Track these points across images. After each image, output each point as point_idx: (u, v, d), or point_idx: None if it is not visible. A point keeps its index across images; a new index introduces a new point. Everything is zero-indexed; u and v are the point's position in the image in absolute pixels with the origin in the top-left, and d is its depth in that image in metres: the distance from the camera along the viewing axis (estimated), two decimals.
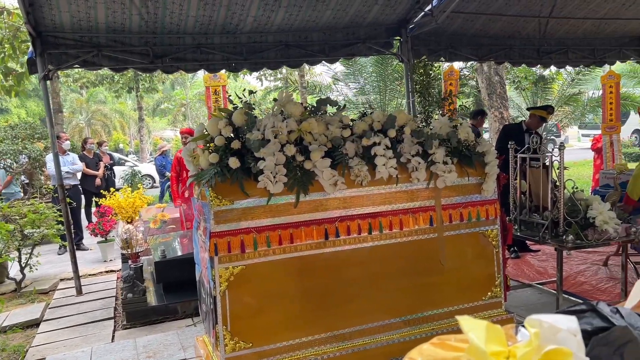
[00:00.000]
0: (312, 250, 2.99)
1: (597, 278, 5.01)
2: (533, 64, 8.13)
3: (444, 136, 3.33)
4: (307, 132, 2.90)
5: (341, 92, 16.20)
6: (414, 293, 3.27)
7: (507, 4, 6.64)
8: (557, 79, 16.58)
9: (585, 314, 1.06)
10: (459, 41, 7.20)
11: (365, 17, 6.19)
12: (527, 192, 4.14)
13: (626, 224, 3.79)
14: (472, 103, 18.31)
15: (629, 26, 7.95)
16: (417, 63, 3.90)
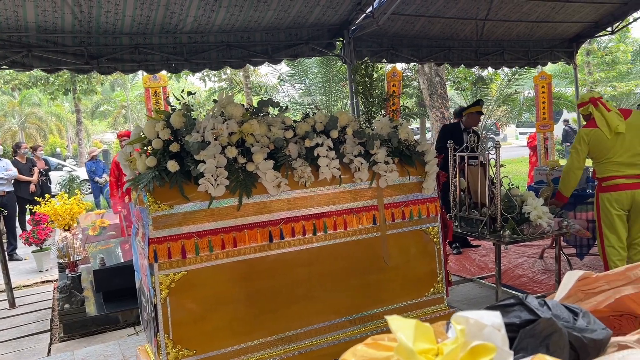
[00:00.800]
0: (256, 253, 2.96)
1: (533, 270, 5.23)
2: (471, 65, 8.40)
3: (385, 136, 3.39)
4: (248, 134, 2.87)
5: (287, 93, 16.21)
6: (359, 292, 3.30)
7: (446, 7, 6.83)
8: (495, 79, 17.22)
9: (514, 308, 1.09)
10: (399, 43, 7.33)
11: (307, 18, 6.20)
12: (466, 189, 4.26)
13: (558, 218, 3.98)
14: (415, 103, 18.75)
15: (559, 29, 8.36)
16: (358, 64, 3.93)
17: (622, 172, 3.95)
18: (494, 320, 0.75)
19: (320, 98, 15.07)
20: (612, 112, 3.99)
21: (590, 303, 1.50)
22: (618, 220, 4.02)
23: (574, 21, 8.18)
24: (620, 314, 1.54)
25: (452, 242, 5.93)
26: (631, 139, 3.92)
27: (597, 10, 7.96)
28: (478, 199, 4.13)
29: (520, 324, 1.04)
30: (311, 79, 15.19)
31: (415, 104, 18.61)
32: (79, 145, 24.53)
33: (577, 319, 1.13)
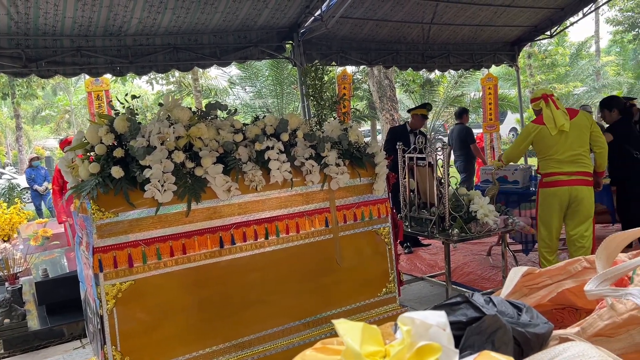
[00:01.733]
0: (207, 259, 2.90)
1: (482, 267, 5.38)
2: (418, 67, 8.57)
3: (336, 139, 3.40)
4: (196, 138, 2.81)
5: (238, 95, 16.06)
6: (313, 294, 3.30)
7: (393, 10, 6.94)
8: (442, 81, 17.66)
9: (461, 306, 1.11)
10: (349, 46, 7.41)
11: (256, 20, 6.17)
12: (415, 190, 4.34)
13: (504, 216, 4.11)
14: (366, 106, 18.98)
15: (501, 32, 8.66)
16: (308, 67, 3.94)
17: (562, 169, 4.08)
18: (439, 319, 0.76)
19: (272, 101, 15.02)
20: (560, 111, 4.13)
21: (534, 298, 1.55)
22: (553, 216, 4.16)
23: (515, 25, 8.50)
24: (562, 307, 1.60)
25: (404, 241, 6.03)
26: (573, 138, 4.06)
27: (536, 15, 8.30)
28: (427, 199, 4.21)
29: (466, 322, 1.06)
30: (262, 82, 15.11)
31: (365, 107, 18.83)
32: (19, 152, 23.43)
33: (521, 314, 1.16)
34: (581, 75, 23.02)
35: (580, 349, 1.01)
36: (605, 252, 1.35)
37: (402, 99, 18.25)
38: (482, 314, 1.05)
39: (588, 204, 4.06)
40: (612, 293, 1.16)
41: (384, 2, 6.66)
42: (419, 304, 4.45)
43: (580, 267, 1.49)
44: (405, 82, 17.07)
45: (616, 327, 1.12)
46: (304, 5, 6.14)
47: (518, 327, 1.07)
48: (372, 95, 12.91)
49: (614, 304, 1.13)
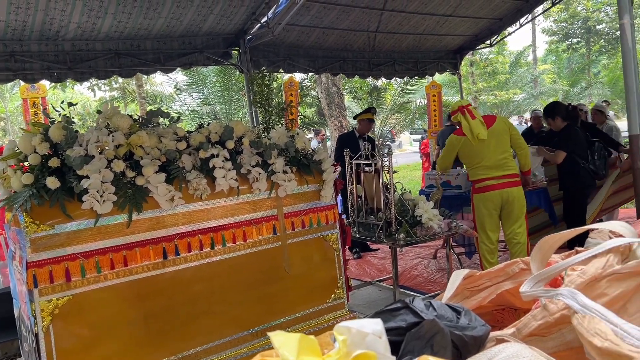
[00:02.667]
0: (150, 271, 2.81)
1: (428, 270, 5.49)
2: (365, 75, 8.69)
3: (283, 146, 3.39)
4: (137, 146, 2.73)
5: (184, 102, 15.76)
6: (261, 303, 3.26)
7: (339, 18, 7.02)
8: (389, 89, 18.00)
9: (401, 312, 1.12)
10: (296, 53, 7.42)
11: (200, 26, 6.08)
12: (362, 195, 4.38)
13: (448, 220, 4.21)
14: (315, 113, 19.07)
15: (444, 41, 8.91)
16: (255, 74, 3.91)
17: (491, 175, 4.25)
18: (375, 327, 0.76)
19: (220, 107, 14.83)
20: (476, 120, 4.28)
21: (475, 300, 1.59)
22: (488, 219, 4.32)
23: (457, 34, 8.77)
24: (502, 308, 1.64)
25: (352, 247, 6.08)
26: (496, 143, 4.23)
27: (476, 25, 8.59)
28: (374, 204, 4.26)
29: (406, 327, 1.07)
30: (209, 88, 14.90)
31: (315, 113, 18.92)
32: None
33: (460, 317, 1.18)
34: (520, 82, 24.01)
35: (514, 350, 1.04)
36: (539, 253, 1.40)
37: (350, 105, 18.46)
38: (421, 319, 1.07)
39: (519, 203, 4.26)
40: (544, 294, 1.20)
41: (330, 10, 6.73)
42: (368, 308, 4.48)
43: (517, 269, 1.53)
44: (353, 89, 17.28)
45: (549, 326, 1.15)
46: (249, 11, 6.11)
47: (456, 330, 1.09)
48: (320, 102, 13.00)
49: (547, 304, 1.17)
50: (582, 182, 4.84)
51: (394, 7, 7.16)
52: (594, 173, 4.89)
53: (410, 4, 7.21)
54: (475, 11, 7.99)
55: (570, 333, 1.13)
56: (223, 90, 14.56)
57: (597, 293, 1.14)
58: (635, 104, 3.61)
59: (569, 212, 5.01)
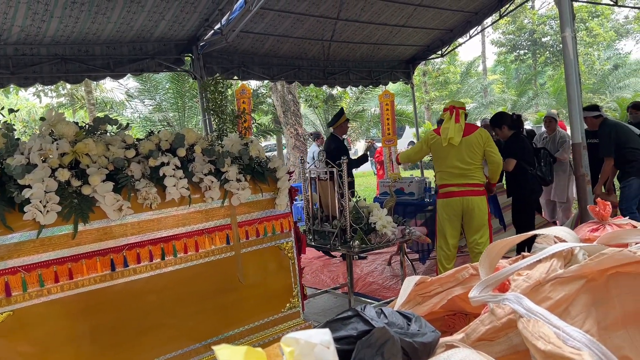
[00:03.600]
0: (97, 284, 2.71)
1: (383, 277, 5.53)
2: (320, 83, 8.74)
3: (236, 154, 3.35)
4: (83, 154, 2.64)
5: (136, 109, 15.39)
6: (215, 314, 3.20)
7: (293, 27, 7.03)
8: (345, 97, 18.16)
9: (352, 320, 1.11)
10: (250, 60, 7.38)
11: (152, 32, 5.96)
12: (318, 203, 4.39)
13: (401, 226, 4.26)
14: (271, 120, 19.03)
15: (397, 51, 9.07)
16: (208, 81, 3.86)
17: (453, 182, 4.34)
18: (323, 338, 0.75)
19: (173, 114, 14.56)
20: (458, 125, 4.34)
21: (427, 306, 1.60)
22: (448, 225, 4.41)
23: (410, 44, 8.94)
24: (453, 313, 1.66)
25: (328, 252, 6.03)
26: (465, 153, 4.30)
27: (428, 36, 8.80)
28: (329, 212, 4.27)
29: (357, 336, 1.06)
30: (162, 95, 14.62)
31: (271, 121, 18.87)
32: None
33: (410, 324, 1.19)
34: (471, 92, 24.73)
35: (463, 355, 1.05)
36: (487, 259, 1.43)
37: (306, 113, 18.52)
38: (372, 327, 1.06)
39: (480, 212, 4.32)
40: (492, 299, 1.22)
41: (284, 18, 6.73)
42: (323, 317, 4.47)
43: (467, 274, 1.56)
44: (309, 97, 17.35)
45: (496, 330, 1.17)
46: (202, 18, 6.04)
47: (406, 337, 1.10)
48: (276, 110, 12.98)
49: (494, 309, 1.19)
50: (531, 188, 5.01)
51: (347, 17, 7.24)
52: (541, 179, 5.07)
53: (363, 14, 7.31)
54: (427, 22, 8.18)
55: (516, 337, 1.15)
56: (176, 97, 14.32)
57: (542, 297, 1.17)
58: (577, 113, 3.77)
59: (518, 217, 5.17)
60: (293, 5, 6.51)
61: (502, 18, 9.31)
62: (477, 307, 1.33)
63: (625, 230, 1.55)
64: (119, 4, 5.21)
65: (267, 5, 6.07)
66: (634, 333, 1.15)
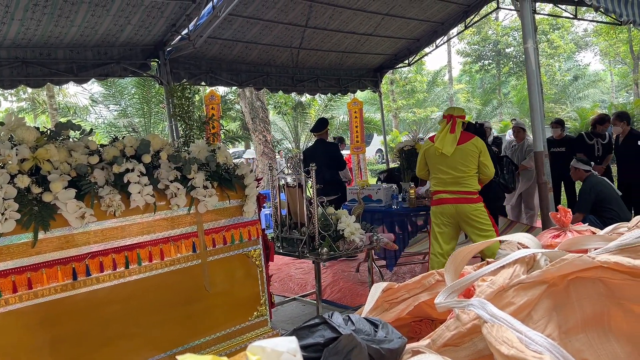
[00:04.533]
0: (57, 294, 2.63)
1: (351, 284, 5.54)
2: (289, 90, 8.74)
3: (203, 160, 3.31)
4: (44, 160, 2.56)
5: (100, 114, 15.08)
6: (181, 323, 3.14)
7: (262, 33, 7.03)
8: (313, 104, 18.22)
9: (319, 327, 1.11)
10: (218, 66, 7.33)
11: (117, 36, 5.86)
12: (286, 210, 4.37)
13: (369, 233, 4.28)
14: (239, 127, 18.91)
15: (365, 59, 9.16)
16: (175, 86, 3.81)
17: (446, 189, 4.35)
18: (290, 345, 0.74)
19: (139, 120, 14.33)
20: (452, 135, 4.35)
21: (394, 312, 1.61)
22: (439, 231, 4.43)
23: (377, 53, 9.05)
24: (420, 319, 1.68)
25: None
26: (457, 162, 4.31)
27: (395, 45, 8.92)
28: (298, 219, 4.26)
29: (324, 343, 1.06)
30: (128, 100, 14.37)
31: (239, 128, 18.76)
32: None
33: (377, 330, 1.19)
34: (437, 100, 25.16)
35: None
36: (453, 265, 1.45)
37: (275, 120, 18.48)
38: (339, 334, 1.06)
39: (478, 218, 4.29)
40: (457, 305, 1.23)
41: (253, 25, 6.72)
42: (291, 324, 4.45)
43: (433, 281, 1.58)
44: (278, 104, 17.33)
45: (461, 336, 1.19)
46: (169, 23, 5.97)
47: (373, 344, 1.10)
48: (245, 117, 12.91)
49: (459, 314, 1.21)
50: (495, 196, 5.11)
51: (316, 25, 7.28)
52: (504, 186, 5.17)
53: (332, 22, 7.36)
54: (394, 31, 8.29)
55: (481, 342, 1.17)
56: (142, 102, 14.10)
57: (505, 302, 1.19)
58: (539, 122, 3.88)
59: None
60: (262, 12, 6.50)
61: (467, 29, 9.52)
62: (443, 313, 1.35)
63: (585, 236, 1.59)
64: (83, 8, 5.10)
65: (235, 11, 6.05)
66: (593, 337, 1.18)
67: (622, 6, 4.54)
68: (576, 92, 26.10)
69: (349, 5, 6.98)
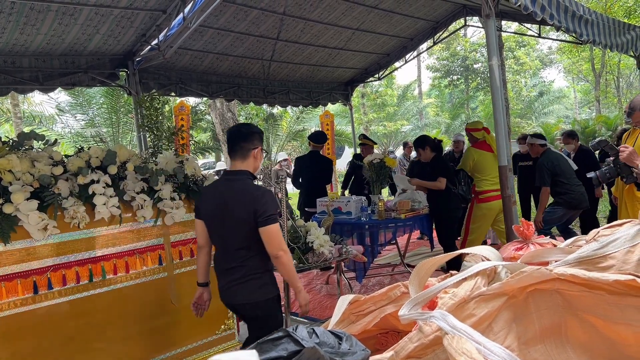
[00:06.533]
0: (17, 308, 2.56)
1: (320, 296, 5.54)
2: (260, 102, 8.73)
3: (171, 172, 3.28)
4: (6, 171, 2.50)
5: (67, 124, 14.75)
6: (146, 338, 3.09)
7: (233, 45, 7.02)
8: (285, 116, 18.23)
9: (282, 341, 1.11)
10: (189, 77, 7.28)
11: (85, 45, 5.77)
12: None
13: (338, 246, 4.29)
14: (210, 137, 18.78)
15: (336, 73, 9.24)
16: (144, 97, 3.77)
17: (494, 187, 5.07)
18: (250, 359, 0.74)
19: (107, 130, 14.07)
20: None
21: (361, 324, 1.62)
22: (485, 225, 5.31)
23: (348, 67, 9.14)
24: (386, 331, 1.69)
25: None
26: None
27: (365, 59, 9.02)
28: None
29: (287, 356, 1.06)
30: (95, 110, 14.10)
31: (210, 138, 18.62)
32: None
33: (341, 343, 1.20)
34: (407, 114, 25.50)
35: None
36: (417, 277, 1.47)
37: None
38: (302, 347, 1.07)
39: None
40: (420, 316, 1.25)
41: (224, 36, 6.71)
42: None
43: (399, 293, 1.59)
44: (249, 115, 17.29)
45: (424, 347, 1.20)
46: (139, 33, 5.91)
47: (337, 357, 1.11)
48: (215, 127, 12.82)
49: (422, 326, 1.23)
50: (455, 207, 5.35)
51: (287, 38, 7.32)
52: (462, 197, 5.41)
53: (303, 36, 7.41)
54: (365, 46, 8.40)
55: (443, 353, 1.18)
56: (110, 112, 13.86)
57: (467, 314, 1.21)
58: (504, 137, 3.97)
59: (444, 236, 5.45)
60: (233, 24, 6.50)
61: (436, 44, 9.70)
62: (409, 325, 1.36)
63: (546, 249, 1.64)
64: (49, 16, 5.01)
65: (206, 23, 6.03)
66: (551, 347, 1.21)
67: (582, 26, 4.71)
68: (541, 107, 26.84)
69: (321, 19, 7.05)
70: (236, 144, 2.63)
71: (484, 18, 3.89)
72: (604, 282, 1.13)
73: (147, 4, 5.38)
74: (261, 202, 2.51)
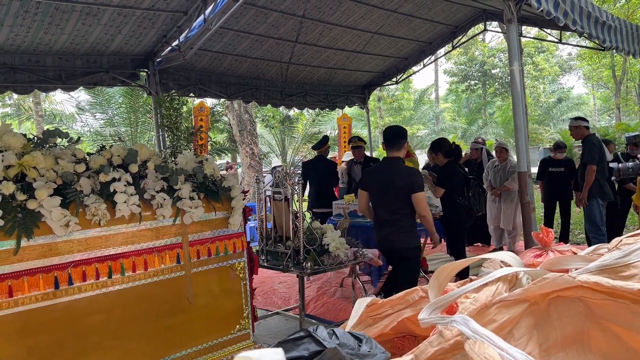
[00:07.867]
0: (38, 302, 2.60)
1: (335, 299, 5.53)
2: (277, 104, 8.78)
3: (190, 171, 3.31)
4: (30, 168, 2.55)
5: (86, 122, 14.95)
6: (162, 336, 3.11)
7: (252, 47, 7.07)
8: (301, 119, 18.29)
9: (304, 341, 1.12)
10: (208, 78, 7.35)
11: (107, 45, 5.86)
12: (272, 223, 4.37)
13: (354, 248, 4.29)
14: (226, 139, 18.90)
15: (353, 76, 9.25)
16: (163, 97, 3.82)
17: None
18: (275, 357, 0.75)
19: (125, 129, 14.24)
20: None
21: (378, 327, 1.62)
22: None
23: (365, 70, 9.14)
24: (403, 335, 1.69)
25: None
26: None
27: (383, 63, 9.02)
28: (283, 232, 4.25)
29: (309, 356, 1.07)
30: (115, 109, 14.28)
31: (226, 139, 18.74)
32: None
33: (361, 345, 1.20)
34: (423, 119, 25.39)
35: None
36: (436, 282, 1.46)
37: (262, 133, 18.50)
38: (324, 348, 1.07)
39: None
40: (440, 321, 1.25)
41: (244, 38, 6.76)
42: (274, 339, 4.42)
43: (417, 297, 1.59)
44: (266, 117, 17.37)
45: (444, 352, 1.20)
46: (160, 34, 5.99)
47: (357, 358, 1.11)
48: (232, 129, 12.90)
49: (442, 330, 1.22)
50: (459, 217, 5.17)
51: (306, 40, 7.35)
52: (468, 208, 5.20)
53: (322, 39, 7.43)
54: (383, 50, 8.40)
55: (463, 358, 1.18)
56: (129, 111, 14.02)
57: (488, 319, 1.21)
58: (524, 143, 3.95)
59: (452, 245, 5.42)
60: (253, 26, 6.55)
61: (455, 49, 9.67)
62: (426, 329, 1.36)
63: (566, 256, 1.62)
64: (74, 16, 5.10)
65: (226, 24, 6.09)
66: (573, 355, 1.20)
67: (605, 32, 4.66)
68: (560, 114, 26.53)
69: (339, 22, 7.07)
70: (396, 139, 3.90)
71: (506, 23, 3.87)
72: (628, 291, 1.12)
73: (169, 5, 5.45)
74: (414, 177, 3.79)
